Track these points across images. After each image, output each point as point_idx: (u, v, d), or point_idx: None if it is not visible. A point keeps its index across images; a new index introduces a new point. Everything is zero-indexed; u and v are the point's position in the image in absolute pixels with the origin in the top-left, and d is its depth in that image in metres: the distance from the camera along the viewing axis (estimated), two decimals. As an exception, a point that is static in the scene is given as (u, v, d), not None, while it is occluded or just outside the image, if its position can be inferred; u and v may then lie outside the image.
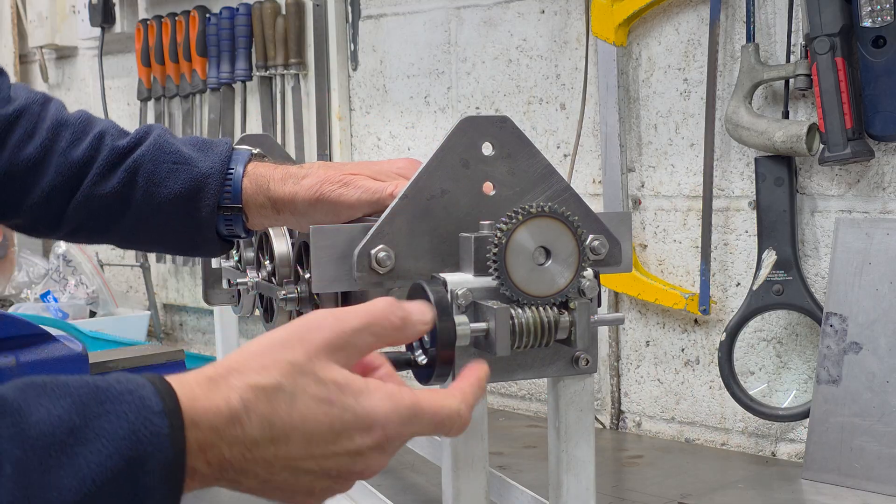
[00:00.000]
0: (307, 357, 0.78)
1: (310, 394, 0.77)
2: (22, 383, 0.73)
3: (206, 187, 1.33)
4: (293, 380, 0.77)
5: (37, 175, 1.35)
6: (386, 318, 0.83)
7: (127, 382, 0.74)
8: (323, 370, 0.78)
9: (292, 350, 0.78)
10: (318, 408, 0.77)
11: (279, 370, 0.77)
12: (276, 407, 0.76)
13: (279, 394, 0.76)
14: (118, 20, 3.22)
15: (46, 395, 0.72)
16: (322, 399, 0.77)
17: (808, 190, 1.91)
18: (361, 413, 0.78)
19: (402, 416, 0.80)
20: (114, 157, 1.35)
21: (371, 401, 0.79)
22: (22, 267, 3.23)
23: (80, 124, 1.37)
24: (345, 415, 0.78)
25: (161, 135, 1.36)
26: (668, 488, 1.79)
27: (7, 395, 0.71)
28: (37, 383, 0.73)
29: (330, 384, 0.78)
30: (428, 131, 2.49)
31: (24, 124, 1.35)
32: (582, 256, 1.03)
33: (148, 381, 0.75)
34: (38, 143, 1.34)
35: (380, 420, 0.79)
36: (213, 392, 0.76)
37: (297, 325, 0.81)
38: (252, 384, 0.76)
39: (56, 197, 1.35)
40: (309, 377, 0.78)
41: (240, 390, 0.76)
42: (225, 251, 1.41)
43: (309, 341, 0.79)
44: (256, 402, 0.76)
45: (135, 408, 0.73)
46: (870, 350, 1.76)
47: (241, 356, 0.79)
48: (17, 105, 1.36)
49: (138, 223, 1.36)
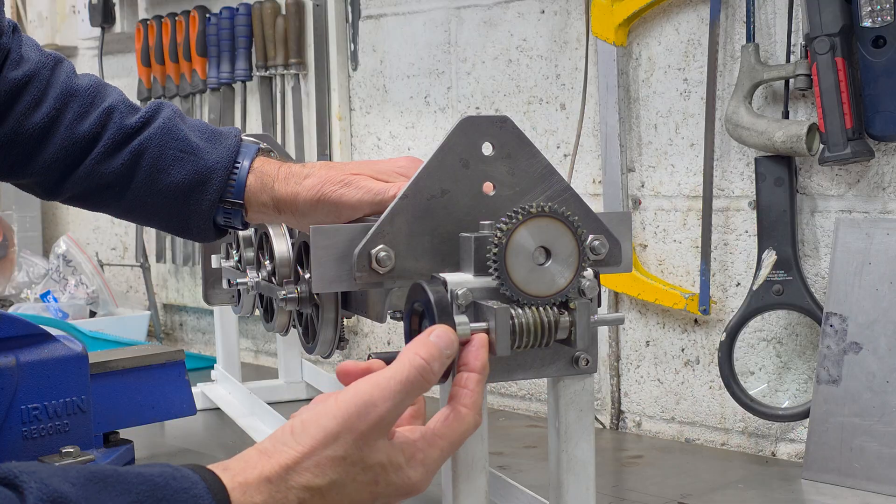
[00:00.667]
0: (357, 448, 0.85)
1: (359, 480, 0.86)
2: (84, 477, 0.75)
3: (211, 180, 1.32)
4: (345, 472, 0.85)
5: (41, 145, 1.33)
6: (424, 379, 0.91)
7: (182, 479, 0.78)
8: (369, 457, 0.86)
9: (343, 445, 0.85)
10: (365, 488, 0.86)
11: (333, 469, 0.84)
12: (330, 500, 0.84)
13: (333, 488, 0.84)
14: (118, 20, 3.22)
15: (107, 492, 0.75)
16: (369, 482, 0.86)
17: (808, 190, 1.91)
18: (401, 485, 0.88)
19: (433, 471, 0.91)
20: (120, 136, 1.34)
21: (410, 472, 0.88)
22: (22, 267, 3.23)
23: (88, 95, 1.35)
24: (388, 489, 0.88)
25: (170, 117, 1.35)
26: (668, 488, 1.79)
27: (69, 493, 0.73)
28: (98, 477, 0.76)
29: (376, 467, 0.86)
30: (428, 131, 2.49)
31: (33, 91, 1.33)
32: (582, 256, 1.03)
33: (200, 479, 0.79)
34: (44, 113, 1.33)
35: (417, 485, 0.90)
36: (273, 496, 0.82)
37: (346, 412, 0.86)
38: (309, 485, 0.83)
39: (58, 168, 1.34)
40: (357, 466, 0.85)
41: (297, 491, 0.83)
42: (218, 238, 1.41)
43: (358, 431, 0.86)
44: (311, 499, 0.83)
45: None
46: (870, 350, 1.76)
47: (296, 451, 0.84)
48: (27, 69, 1.34)
49: (137, 203, 1.36)
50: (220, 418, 2.27)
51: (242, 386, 2.28)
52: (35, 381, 1.58)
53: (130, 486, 0.76)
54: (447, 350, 0.92)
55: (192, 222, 1.35)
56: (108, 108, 1.34)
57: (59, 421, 1.61)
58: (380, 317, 1.24)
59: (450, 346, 0.93)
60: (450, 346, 0.93)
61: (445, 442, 0.91)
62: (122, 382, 1.79)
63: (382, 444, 0.87)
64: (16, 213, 3.52)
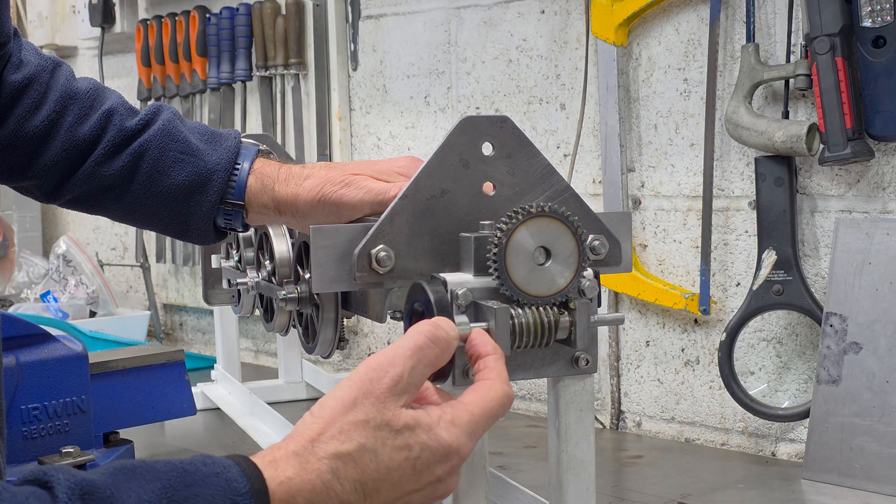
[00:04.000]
0: (378, 410, 0.84)
1: (389, 445, 0.84)
2: (112, 468, 0.76)
3: (211, 182, 1.32)
4: (372, 437, 0.83)
5: (41, 147, 1.33)
6: (434, 345, 0.90)
7: (213, 465, 0.78)
8: (394, 419, 0.85)
9: (363, 409, 0.84)
10: (399, 455, 0.84)
11: (358, 432, 0.83)
12: (364, 467, 0.83)
13: (364, 454, 0.83)
14: (118, 20, 3.22)
15: (136, 480, 0.75)
16: (401, 447, 0.84)
17: (808, 190, 1.91)
18: (437, 447, 0.86)
19: (469, 434, 0.88)
20: (120, 138, 1.34)
21: (441, 432, 0.86)
22: (22, 267, 3.23)
23: (88, 98, 1.35)
24: (423, 454, 0.85)
25: (170, 119, 1.35)
26: (668, 488, 1.79)
27: (98, 481, 0.74)
28: (126, 467, 0.76)
29: (404, 431, 0.85)
30: (428, 131, 2.49)
31: (33, 94, 1.33)
32: (582, 256, 1.03)
33: (233, 463, 0.79)
34: (44, 116, 1.33)
35: (453, 446, 0.86)
36: (304, 468, 0.81)
37: (359, 380, 0.86)
38: (337, 453, 0.82)
39: (59, 170, 1.34)
40: (384, 430, 0.84)
41: (328, 461, 0.81)
42: (218, 240, 1.41)
43: (374, 395, 0.85)
44: (346, 468, 0.82)
45: (221, 490, 0.76)
46: (870, 350, 1.76)
47: (318, 423, 0.84)
48: (27, 72, 1.34)
49: (137, 205, 1.36)
50: (220, 418, 2.27)
51: (242, 386, 2.28)
52: (35, 381, 1.59)
53: (160, 474, 0.76)
54: (451, 331, 0.92)
55: (192, 224, 1.35)
56: (108, 110, 1.35)
57: (59, 421, 1.61)
58: (380, 317, 1.24)
59: (453, 329, 0.93)
60: (453, 329, 0.93)
61: (476, 407, 0.89)
62: (122, 382, 1.79)
63: (405, 409, 0.86)
64: (16, 213, 3.52)
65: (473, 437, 0.88)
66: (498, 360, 0.94)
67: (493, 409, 0.90)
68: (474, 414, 0.88)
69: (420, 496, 0.87)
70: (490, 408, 0.89)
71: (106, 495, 0.72)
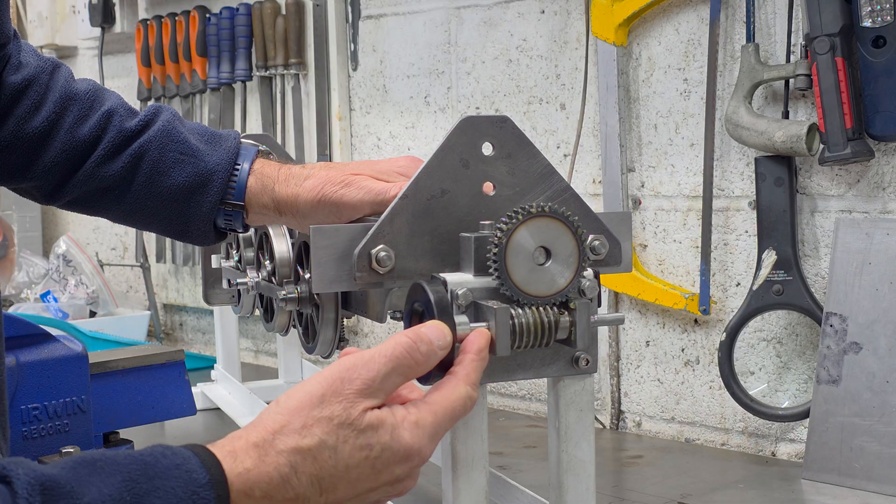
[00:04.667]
0: (343, 409, 0.84)
1: (350, 444, 0.84)
2: (73, 461, 0.76)
3: (211, 182, 1.32)
4: (334, 434, 0.83)
5: (41, 148, 1.33)
6: (410, 357, 0.90)
7: (173, 456, 0.79)
8: (358, 419, 0.84)
9: (329, 406, 0.84)
10: (359, 454, 0.84)
11: (320, 428, 0.83)
12: (322, 463, 0.83)
13: (324, 451, 0.83)
14: (118, 20, 3.22)
15: (97, 474, 0.75)
16: (363, 446, 0.84)
17: (808, 190, 1.91)
18: (398, 448, 0.86)
19: (430, 436, 0.88)
20: (120, 139, 1.34)
21: (404, 434, 0.86)
22: (22, 267, 3.23)
23: (87, 99, 1.35)
24: (384, 454, 0.85)
25: (170, 120, 1.35)
26: (668, 488, 1.79)
27: (58, 476, 0.74)
28: (87, 460, 0.76)
29: (367, 430, 0.84)
30: (428, 131, 2.49)
31: (32, 95, 1.33)
32: (582, 256, 1.03)
33: (193, 454, 0.80)
34: (44, 117, 1.33)
35: (415, 448, 0.87)
36: (262, 461, 0.81)
37: (330, 378, 0.86)
38: (297, 447, 0.82)
39: (58, 171, 1.34)
40: (347, 429, 0.84)
41: (287, 455, 0.82)
42: (217, 241, 1.41)
43: (343, 395, 0.85)
44: (304, 463, 0.82)
45: (182, 482, 0.77)
46: (870, 350, 1.76)
47: (282, 415, 0.84)
48: (27, 73, 1.34)
49: (136, 206, 1.36)
50: (220, 418, 2.27)
51: (242, 386, 2.28)
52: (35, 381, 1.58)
53: (120, 467, 0.76)
54: (438, 341, 0.92)
55: (192, 225, 1.35)
56: (108, 111, 1.35)
57: (59, 421, 1.61)
58: (380, 317, 1.24)
59: (441, 339, 0.93)
60: (441, 339, 0.93)
61: (439, 407, 0.89)
62: (122, 382, 1.78)
63: (371, 410, 0.86)
64: (16, 213, 3.52)
65: (435, 438, 0.89)
66: (472, 361, 0.94)
67: (455, 409, 0.90)
68: (437, 415, 0.89)
69: (377, 494, 0.87)
70: (452, 409, 0.90)
71: (66, 490, 0.73)
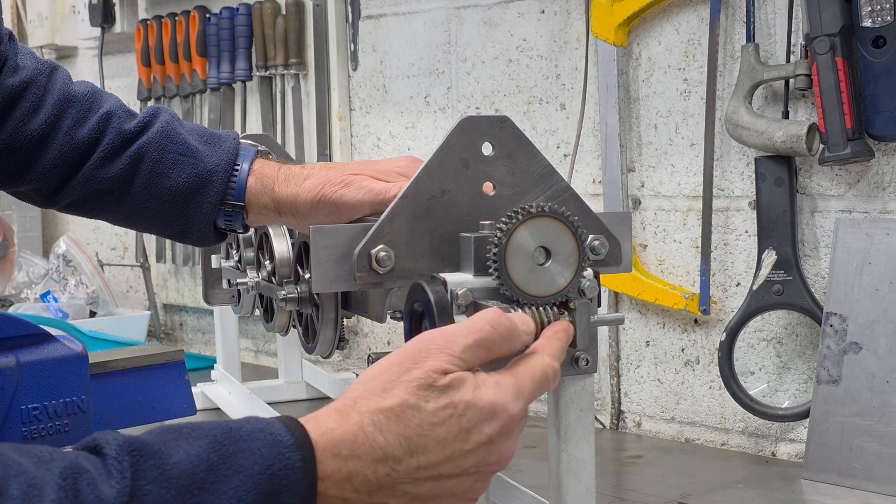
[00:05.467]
0: (423, 373, 0.83)
1: (433, 403, 0.82)
2: (160, 429, 0.77)
3: (211, 183, 1.32)
4: (415, 394, 0.82)
5: (40, 150, 1.33)
6: (494, 330, 0.88)
7: (257, 422, 0.79)
8: (438, 380, 0.83)
9: (409, 371, 0.83)
10: (444, 412, 0.82)
11: (401, 389, 0.82)
12: (407, 422, 0.81)
13: (407, 410, 0.82)
14: (118, 20, 3.22)
15: (184, 438, 0.76)
16: (446, 405, 0.83)
17: (808, 190, 1.91)
18: (483, 405, 0.84)
19: (513, 394, 0.85)
20: (119, 140, 1.34)
21: (486, 391, 0.84)
22: (22, 267, 3.23)
23: (86, 101, 1.35)
24: (468, 411, 0.83)
25: (169, 121, 1.35)
26: (668, 488, 1.79)
27: (147, 439, 0.75)
28: (173, 428, 0.77)
29: (448, 389, 0.83)
30: (428, 131, 2.49)
31: (30, 97, 1.33)
32: (582, 256, 1.03)
33: (277, 420, 0.80)
34: (43, 119, 1.33)
35: (499, 403, 0.84)
36: (346, 421, 0.80)
37: (409, 349, 0.86)
38: (379, 407, 0.81)
39: (57, 173, 1.34)
40: (427, 389, 0.83)
41: (370, 415, 0.81)
42: (218, 242, 1.41)
43: (423, 363, 0.84)
44: (388, 422, 0.81)
45: (267, 444, 0.77)
46: (870, 350, 1.76)
47: (361, 384, 0.84)
48: (25, 75, 1.34)
49: (136, 207, 1.36)
50: (220, 418, 2.27)
51: (242, 386, 2.28)
52: (35, 381, 1.58)
53: (206, 432, 0.77)
54: (522, 325, 0.91)
55: (192, 226, 1.35)
56: (107, 113, 1.35)
57: (59, 421, 1.61)
58: (380, 317, 1.24)
59: (525, 323, 0.92)
60: (525, 323, 0.92)
61: (519, 370, 0.88)
62: (122, 382, 1.78)
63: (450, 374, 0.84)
64: (16, 213, 3.52)
65: (520, 398, 0.86)
66: (553, 336, 0.94)
67: (534, 373, 0.88)
68: (518, 376, 0.87)
69: (473, 459, 0.84)
70: (532, 372, 0.88)
71: (154, 451, 0.74)
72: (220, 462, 0.75)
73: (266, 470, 0.75)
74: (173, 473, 0.73)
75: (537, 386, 0.88)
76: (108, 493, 0.70)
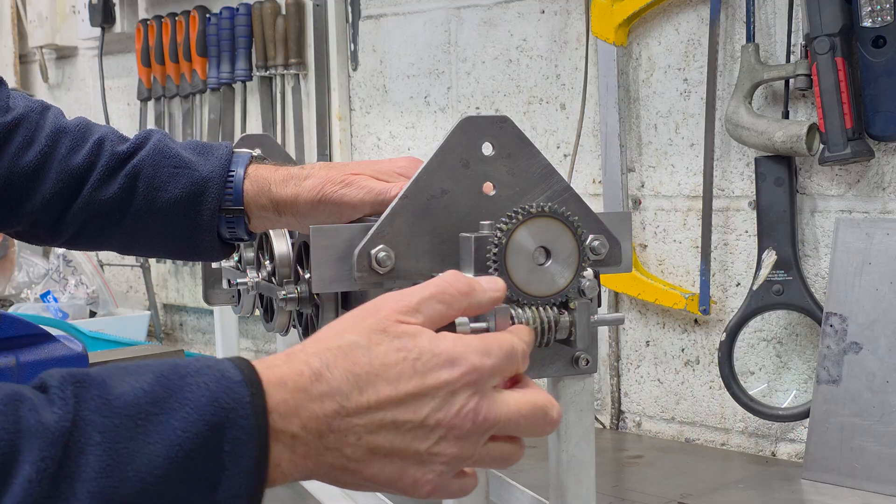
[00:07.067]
0: (377, 321, 0.81)
1: (384, 346, 0.80)
2: (107, 366, 0.77)
3: (208, 190, 1.33)
4: (367, 337, 0.80)
5: (36, 182, 1.35)
6: (451, 285, 0.86)
7: (206, 360, 0.78)
8: (393, 327, 0.81)
9: (363, 320, 0.82)
10: (396, 354, 0.80)
11: (353, 332, 0.81)
12: (356, 359, 0.79)
13: (356, 349, 0.80)
14: (118, 20, 3.22)
15: (129, 374, 0.76)
16: (398, 348, 0.80)
17: (808, 190, 1.91)
18: (439, 352, 0.81)
19: (476, 349, 0.82)
20: (114, 162, 1.35)
21: (445, 341, 0.81)
22: (22, 267, 3.23)
23: (79, 131, 1.37)
24: (423, 356, 0.80)
25: (161, 139, 1.36)
26: (668, 488, 1.79)
27: (91, 371, 0.75)
28: (119, 366, 0.77)
29: (403, 336, 0.81)
30: (428, 131, 2.49)
31: (23, 132, 1.35)
32: (582, 256, 1.03)
33: (225, 359, 0.79)
34: (37, 151, 1.34)
35: (458, 353, 0.81)
36: (293, 359, 0.79)
37: (367, 304, 0.84)
38: (327, 347, 0.80)
39: (56, 203, 1.35)
40: (381, 334, 0.81)
41: (317, 354, 0.79)
42: (225, 255, 1.41)
43: (377, 312, 0.82)
44: (335, 359, 0.79)
45: (215, 379, 0.76)
46: (870, 350, 1.76)
47: (316, 334, 0.83)
48: (16, 113, 1.36)
49: (139, 227, 1.36)
50: (220, 418, 2.27)
51: (242, 386, 2.27)
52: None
53: (152, 368, 0.77)
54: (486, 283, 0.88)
55: (197, 238, 1.35)
56: (100, 139, 1.36)
57: (59, 421, 1.61)
58: (380, 317, 1.23)
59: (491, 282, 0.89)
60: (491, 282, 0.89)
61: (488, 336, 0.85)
62: (123, 382, 1.78)
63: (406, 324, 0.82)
64: (16, 213, 3.52)
65: (484, 355, 0.82)
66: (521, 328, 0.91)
67: (501, 342, 0.84)
68: (485, 339, 0.84)
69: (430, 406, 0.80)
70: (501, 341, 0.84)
71: (98, 381, 0.74)
72: (165, 395, 0.74)
73: (213, 402, 0.74)
74: (117, 404, 0.73)
75: (504, 354, 0.84)
76: (49, 418, 0.70)
